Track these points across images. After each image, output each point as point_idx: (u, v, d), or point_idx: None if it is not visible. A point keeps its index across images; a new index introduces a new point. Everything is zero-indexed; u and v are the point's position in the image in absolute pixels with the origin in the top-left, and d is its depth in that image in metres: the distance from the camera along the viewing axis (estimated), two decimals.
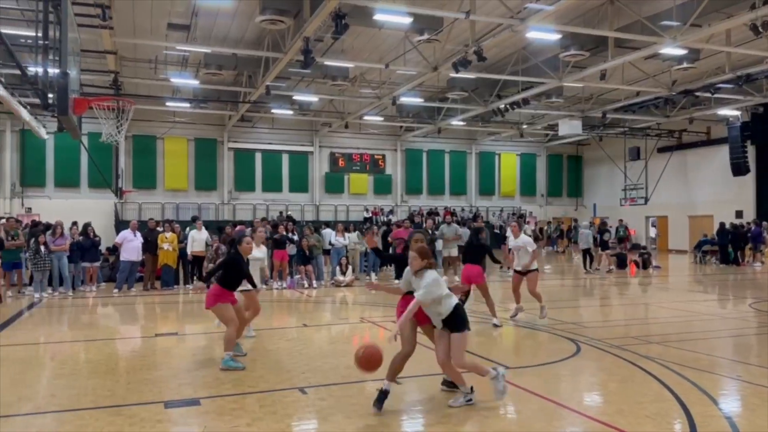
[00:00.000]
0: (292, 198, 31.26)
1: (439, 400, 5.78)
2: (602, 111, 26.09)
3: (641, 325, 10.55)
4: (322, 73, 21.22)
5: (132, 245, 14.46)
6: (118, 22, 16.41)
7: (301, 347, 8.18)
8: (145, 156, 28.73)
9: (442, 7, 15.04)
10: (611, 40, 17.29)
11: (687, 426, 4.96)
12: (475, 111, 26.00)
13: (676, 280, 18.83)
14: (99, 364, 7.37)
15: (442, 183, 34.72)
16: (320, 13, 13.66)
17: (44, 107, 8.03)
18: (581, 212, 37.17)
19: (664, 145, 31.64)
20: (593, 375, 6.80)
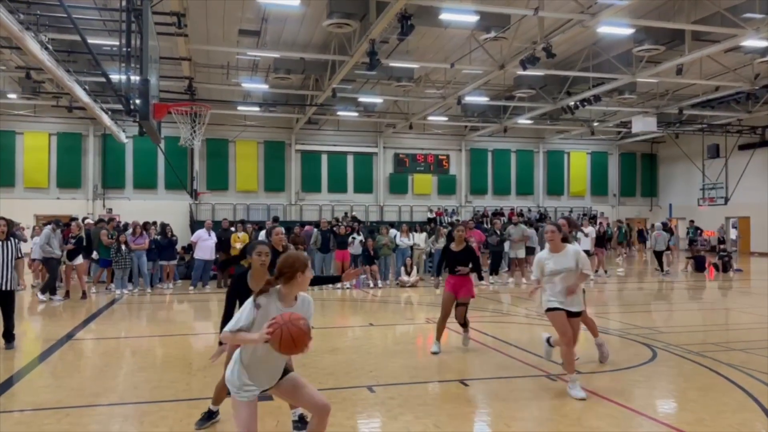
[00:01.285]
0: (357, 198, 31.57)
1: (509, 401, 5.69)
2: (678, 107, 24.98)
3: (722, 331, 10.04)
4: (387, 74, 21.34)
5: (206, 244, 15.01)
6: (192, 29, 17.06)
7: (368, 346, 8.26)
8: (217, 159, 29.75)
9: (510, 4, 14.83)
10: (688, 33, 16.54)
11: None
12: (542, 109, 25.46)
13: (758, 284, 17.79)
14: (176, 359, 7.69)
15: (508, 183, 34.19)
16: (386, 14, 13.75)
17: (127, 113, 8.47)
18: (656, 213, 35.71)
19: (745, 142, 29.96)
20: (671, 382, 6.53)
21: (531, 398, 5.87)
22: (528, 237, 17.33)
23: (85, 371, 7.09)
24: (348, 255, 15.63)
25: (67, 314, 11.36)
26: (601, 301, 13.38)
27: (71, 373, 6.90)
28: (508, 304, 13.19)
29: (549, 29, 16.19)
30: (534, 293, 6.27)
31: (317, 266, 15.77)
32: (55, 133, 27.63)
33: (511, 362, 7.29)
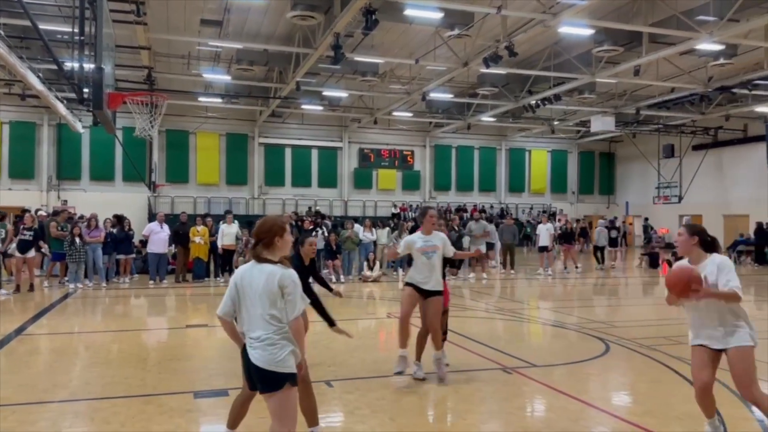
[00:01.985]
0: (321, 193, 31.42)
1: (464, 395, 5.76)
2: (636, 107, 25.59)
3: (673, 325, 10.35)
4: (351, 68, 21.25)
5: (158, 237, 14.72)
6: (152, 18, 16.66)
7: (328, 341, 8.23)
8: (177, 150, 29.17)
9: (474, 2, 14.92)
10: (646, 35, 16.93)
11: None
12: (505, 107, 25.75)
13: None
14: (131, 354, 7.54)
15: (471, 179, 34.51)
16: (351, 8, 13.67)
17: (80, 102, 8.24)
18: (613, 210, 36.56)
19: (699, 143, 30.90)
20: (622, 375, 6.71)
21: (487, 391, 5.96)
22: (488, 233, 17.58)
23: (34, 367, 6.89)
24: None
25: (17, 309, 11.01)
26: (559, 296, 13.66)
27: (19, 369, 6.69)
28: (468, 298, 13.33)
29: (511, 28, 16.36)
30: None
31: None
32: (7, 121, 26.66)
33: (469, 356, 7.39)
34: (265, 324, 3.39)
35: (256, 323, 3.42)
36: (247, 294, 3.46)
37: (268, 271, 3.44)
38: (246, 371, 3.57)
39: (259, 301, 3.41)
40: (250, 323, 3.45)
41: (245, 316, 3.49)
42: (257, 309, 3.41)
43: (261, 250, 3.50)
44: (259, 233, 3.53)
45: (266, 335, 3.38)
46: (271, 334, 3.38)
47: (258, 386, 3.50)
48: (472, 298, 13.36)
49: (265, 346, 3.37)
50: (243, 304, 3.49)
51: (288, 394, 3.44)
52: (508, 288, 15.55)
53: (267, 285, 3.39)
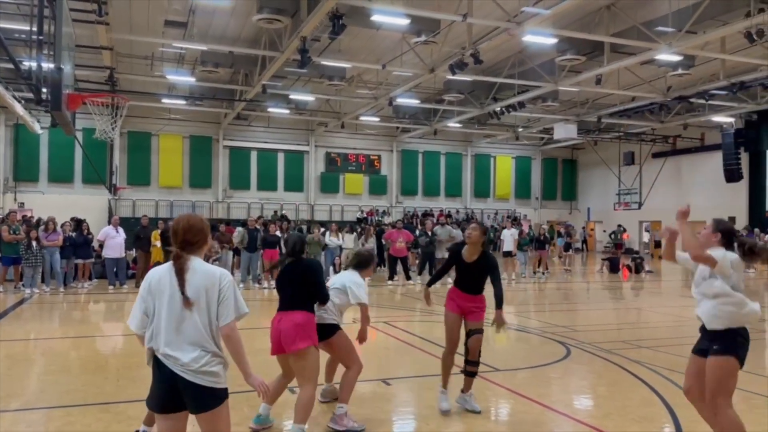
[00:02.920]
0: (287, 197, 31.22)
1: (426, 399, 5.78)
2: (597, 115, 26.18)
3: (632, 329, 10.60)
4: (318, 72, 21.22)
5: (114, 242, 14.40)
6: (114, 17, 16.35)
7: None
8: (139, 153, 28.64)
9: (440, 9, 15.06)
10: (607, 45, 17.35)
11: (674, 430, 4.99)
12: (471, 113, 26.04)
13: (668, 284, 18.91)
14: (89, 361, 7.36)
15: (437, 184, 34.75)
16: (317, 13, 13.66)
17: (37, 102, 8.02)
18: (575, 216, 37.29)
19: (658, 151, 31.77)
20: (582, 378, 6.83)
21: (450, 396, 5.98)
22: (454, 238, 17.69)
23: None
24: (277, 254, 15.41)
25: None
26: (522, 301, 13.83)
27: None
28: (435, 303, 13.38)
29: (477, 36, 16.58)
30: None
31: (243, 265, 15.48)
32: None
33: (433, 360, 7.40)
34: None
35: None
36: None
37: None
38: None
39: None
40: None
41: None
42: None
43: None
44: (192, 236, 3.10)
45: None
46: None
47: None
48: (438, 302, 13.42)
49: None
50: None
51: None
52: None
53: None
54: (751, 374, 6.99)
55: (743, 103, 23.29)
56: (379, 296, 14.01)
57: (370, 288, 8.29)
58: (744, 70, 19.76)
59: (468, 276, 5.58)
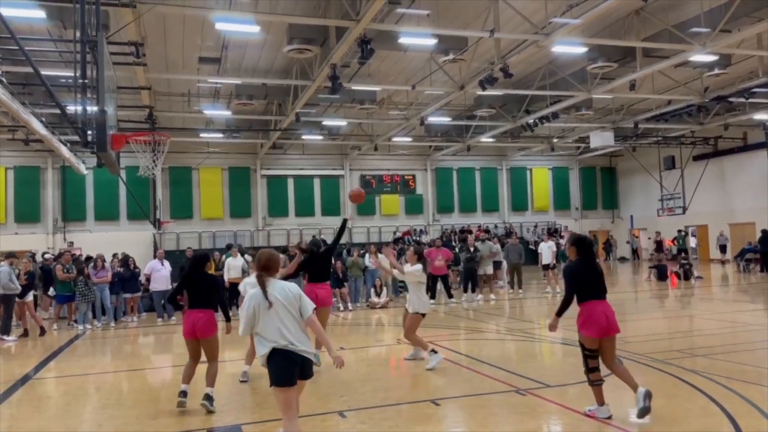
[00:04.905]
0: (325, 221, 31.47)
1: (479, 419, 5.70)
2: (634, 121, 25.72)
3: (685, 338, 10.27)
4: (350, 97, 21.50)
5: (160, 275, 14.70)
6: (151, 58, 16.95)
7: (339, 370, 8.17)
8: (181, 187, 29.39)
9: (466, 26, 15.16)
10: (639, 50, 17.12)
11: None
12: (503, 127, 25.92)
13: (719, 290, 18.30)
14: (142, 393, 7.51)
15: (473, 200, 34.56)
16: (346, 40, 13.90)
17: (84, 145, 8.33)
18: (618, 224, 36.52)
19: (699, 153, 30.97)
20: None
21: (501, 414, 5.90)
22: (495, 254, 17.55)
23: (46, 412, 6.86)
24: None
25: (26, 354, 11.00)
26: (567, 314, 13.56)
27: (30, 415, 6.67)
28: (478, 320, 13.27)
29: (505, 50, 16.57)
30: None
31: None
32: (11, 167, 26.95)
33: (482, 379, 7.33)
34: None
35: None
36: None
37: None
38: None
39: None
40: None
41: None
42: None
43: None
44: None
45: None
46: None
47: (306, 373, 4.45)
48: (482, 319, 13.29)
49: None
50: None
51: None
52: (517, 308, 15.46)
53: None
54: None
55: None
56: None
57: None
58: None
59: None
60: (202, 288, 6.55)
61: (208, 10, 13.46)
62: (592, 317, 5.55)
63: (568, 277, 5.76)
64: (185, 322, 6.50)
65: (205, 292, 6.54)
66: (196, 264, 6.82)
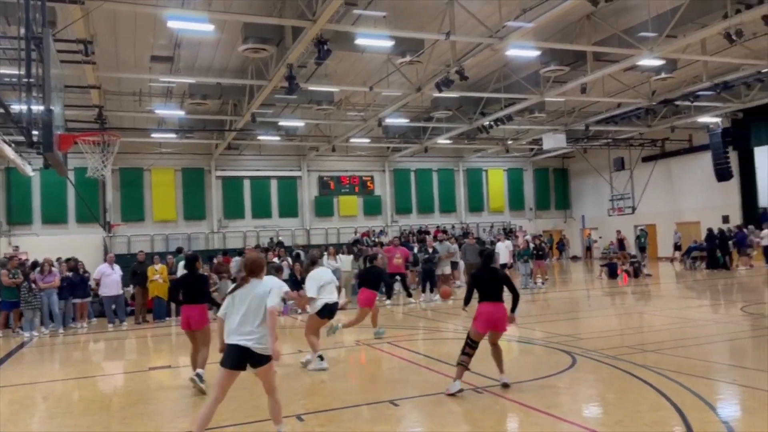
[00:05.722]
0: (282, 223, 31.18)
1: (436, 418, 5.74)
2: (585, 123, 26.36)
3: (636, 334, 10.58)
4: (307, 98, 21.35)
5: (110, 279, 14.29)
6: (100, 56, 16.46)
7: (298, 373, 8.12)
8: (132, 188, 28.60)
9: (423, 29, 15.25)
10: (590, 54, 17.55)
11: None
12: (460, 129, 26.20)
13: (667, 287, 18.92)
14: (93, 401, 7.28)
15: (431, 201, 34.81)
16: (302, 40, 13.79)
17: (29, 145, 8.02)
18: (570, 224, 37.39)
19: (647, 155, 31.97)
20: (590, 387, 6.80)
21: (459, 412, 5.96)
22: (453, 254, 17.71)
23: None
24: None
25: None
26: (524, 312, 13.79)
27: None
28: (436, 320, 13.36)
29: (461, 53, 16.74)
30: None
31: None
32: None
33: (440, 378, 7.38)
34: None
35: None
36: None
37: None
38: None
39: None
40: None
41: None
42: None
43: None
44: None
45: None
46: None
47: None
48: (440, 319, 13.39)
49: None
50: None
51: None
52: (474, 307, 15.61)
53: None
54: (759, 371, 6.99)
55: (728, 103, 23.53)
56: (381, 316, 13.96)
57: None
58: (726, 70, 20.00)
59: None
60: (195, 285, 7.33)
61: (160, 8, 13.15)
62: (482, 315, 6.71)
63: (470, 279, 7.29)
64: (182, 316, 7.36)
65: (197, 289, 7.32)
66: (188, 264, 7.58)
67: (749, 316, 11.40)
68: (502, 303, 6.76)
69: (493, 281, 6.83)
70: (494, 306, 6.70)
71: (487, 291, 6.77)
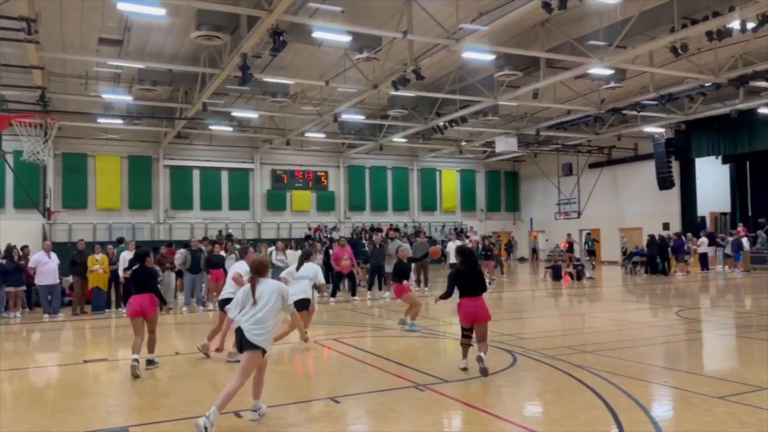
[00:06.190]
0: (233, 216, 30.69)
1: (377, 415, 5.74)
2: (536, 128, 26.93)
3: (576, 335, 10.85)
4: (261, 89, 21.06)
5: (47, 268, 13.69)
6: (45, 36, 15.81)
7: (233, 369, 7.97)
8: (75, 174, 27.62)
9: (381, 26, 15.24)
10: (543, 60, 17.92)
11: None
12: (415, 128, 26.34)
13: (608, 290, 19.50)
14: (21, 395, 6.98)
15: (385, 199, 34.91)
16: (257, 29, 13.58)
17: None
18: (519, 226, 38.14)
19: (594, 161, 32.92)
20: (530, 386, 6.93)
21: (400, 410, 5.96)
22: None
23: None
24: (222, 275, 15.09)
25: None
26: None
27: None
28: (384, 317, 13.38)
29: (418, 52, 16.82)
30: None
31: (186, 287, 15.06)
32: None
33: (383, 375, 7.38)
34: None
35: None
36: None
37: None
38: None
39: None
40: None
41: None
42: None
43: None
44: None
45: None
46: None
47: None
48: (388, 316, 13.41)
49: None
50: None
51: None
52: (423, 305, 15.72)
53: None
54: (690, 374, 7.27)
55: (672, 114, 24.44)
56: (327, 313, 13.91)
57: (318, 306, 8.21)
58: (671, 82, 20.77)
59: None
60: (145, 277, 8.00)
61: None
62: (463, 309, 7.26)
63: (450, 277, 7.51)
64: (131, 304, 7.88)
65: (146, 281, 7.97)
66: (138, 259, 8.34)
67: (683, 320, 11.85)
68: (481, 297, 7.30)
69: (475, 277, 7.32)
70: (475, 300, 7.20)
71: (468, 286, 7.24)
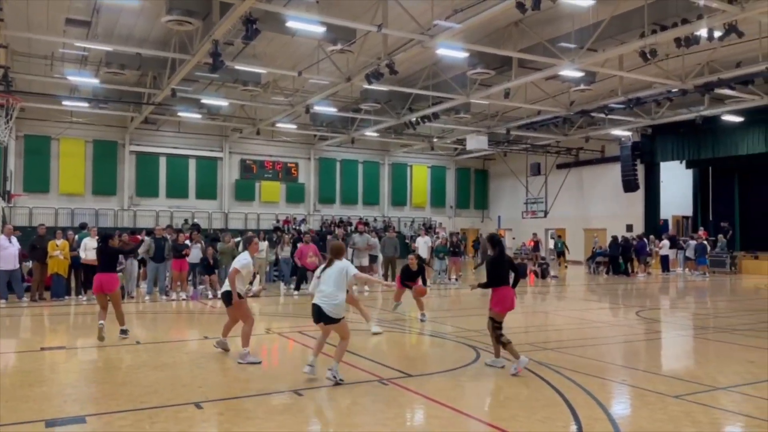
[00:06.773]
0: (200, 205, 30.29)
1: (340, 409, 5.74)
2: (506, 128, 27.18)
3: (538, 332, 11.02)
4: (232, 77, 20.77)
5: (7, 252, 13.32)
6: (9, 13, 15.33)
7: (200, 361, 7.90)
8: (37, 157, 26.89)
9: (356, 18, 15.15)
10: (515, 60, 18.07)
11: (574, 429, 5.21)
12: (387, 123, 26.33)
13: (571, 289, 19.84)
14: None
15: (355, 193, 34.86)
16: (230, 16, 13.38)
17: None
18: (487, 224, 38.51)
19: (562, 162, 33.42)
20: (491, 381, 7.00)
21: (363, 404, 5.98)
22: (372, 246, 17.77)
23: None
24: (186, 264, 14.90)
25: None
26: (436, 307, 14.08)
27: None
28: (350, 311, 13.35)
29: (392, 46, 16.79)
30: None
31: (149, 276, 14.81)
32: None
33: (347, 369, 7.36)
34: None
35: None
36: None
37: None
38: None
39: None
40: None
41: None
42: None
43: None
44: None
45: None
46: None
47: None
48: (354, 311, 13.39)
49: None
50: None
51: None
52: (389, 300, 15.76)
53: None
54: (647, 373, 7.45)
55: (639, 118, 24.92)
56: (293, 306, 13.83)
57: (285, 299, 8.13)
58: (640, 87, 21.16)
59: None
60: (108, 257, 9.09)
61: None
62: (508, 297, 7.33)
63: (492, 264, 7.42)
64: (94, 281, 9.07)
65: (109, 260, 9.08)
66: (103, 241, 9.32)
67: (643, 320, 12.14)
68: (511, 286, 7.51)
69: (508, 268, 7.46)
70: (511, 290, 7.43)
71: (505, 276, 7.40)
